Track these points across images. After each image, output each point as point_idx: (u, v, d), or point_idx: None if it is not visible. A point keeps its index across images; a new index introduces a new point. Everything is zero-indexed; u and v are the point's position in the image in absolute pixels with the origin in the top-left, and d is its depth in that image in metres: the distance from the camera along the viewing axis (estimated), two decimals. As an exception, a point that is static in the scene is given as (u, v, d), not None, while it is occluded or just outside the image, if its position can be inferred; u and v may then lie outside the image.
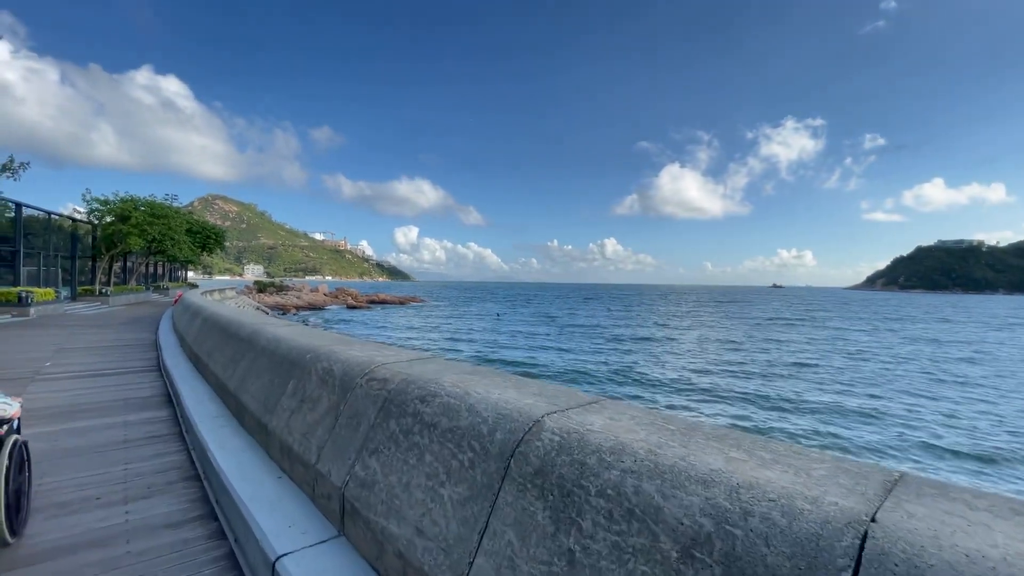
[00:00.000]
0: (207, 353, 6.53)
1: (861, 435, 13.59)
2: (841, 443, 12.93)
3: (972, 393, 19.54)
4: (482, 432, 1.97)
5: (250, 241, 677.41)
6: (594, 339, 35.43)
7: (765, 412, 15.88)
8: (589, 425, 1.77)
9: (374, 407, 2.69)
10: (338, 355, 3.50)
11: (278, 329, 5.25)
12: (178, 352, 8.66)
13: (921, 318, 70.72)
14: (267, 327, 5.41)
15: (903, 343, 36.94)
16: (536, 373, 21.81)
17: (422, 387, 2.51)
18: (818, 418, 15.25)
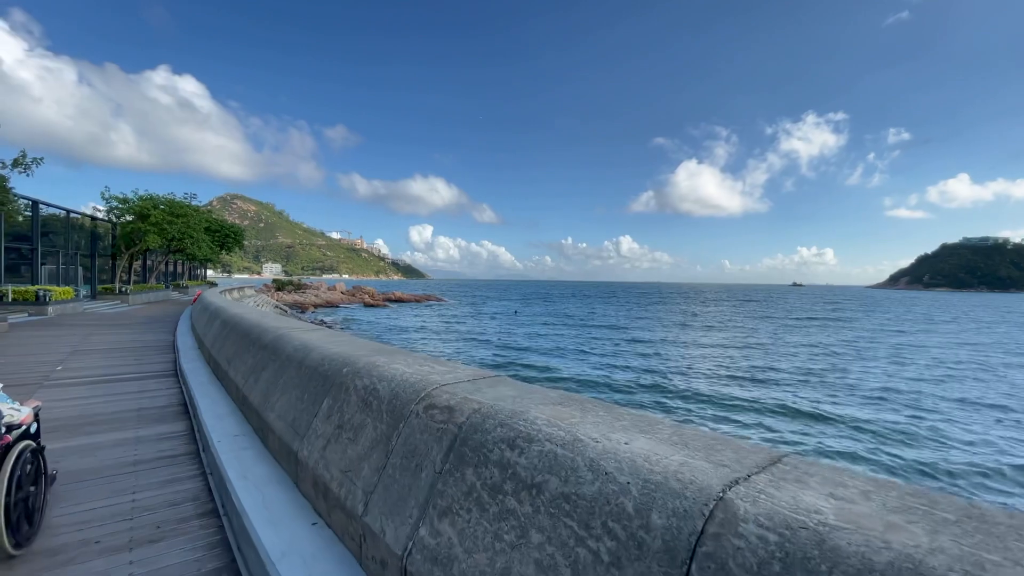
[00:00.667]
0: (226, 359, 6.01)
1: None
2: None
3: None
4: (625, 509, 1.34)
5: (268, 240, 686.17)
6: (621, 343, 33.88)
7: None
8: (809, 508, 1.13)
9: (439, 446, 2.08)
10: (381, 370, 2.91)
11: (305, 335, 4.69)
12: (196, 356, 8.20)
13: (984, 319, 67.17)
14: (293, 332, 4.86)
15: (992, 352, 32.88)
16: (566, 381, 21.06)
17: (506, 423, 1.89)
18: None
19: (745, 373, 23.01)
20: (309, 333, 4.83)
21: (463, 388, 2.43)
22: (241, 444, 3.91)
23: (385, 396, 2.62)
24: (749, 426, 14.47)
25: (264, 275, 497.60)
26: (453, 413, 2.15)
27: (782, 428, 14.08)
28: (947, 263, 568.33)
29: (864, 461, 11.68)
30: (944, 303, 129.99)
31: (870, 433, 13.54)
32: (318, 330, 5.15)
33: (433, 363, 3.11)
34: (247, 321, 6.35)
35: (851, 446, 12.50)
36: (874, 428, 13.95)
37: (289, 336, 4.62)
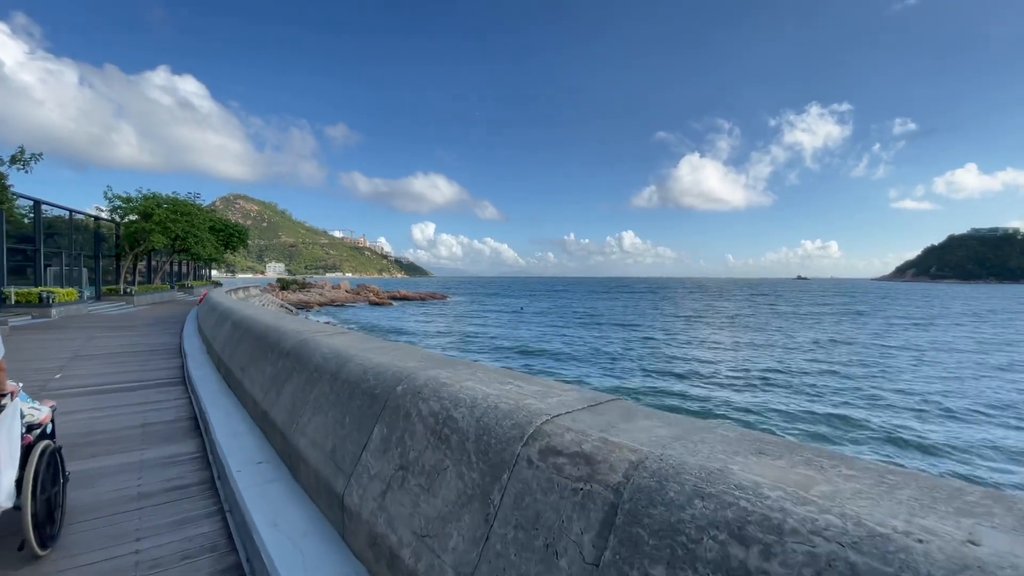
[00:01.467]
0: (239, 367, 5.35)
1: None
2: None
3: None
4: None
5: (271, 239, 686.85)
6: (654, 343, 30.74)
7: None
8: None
9: (583, 518, 1.40)
10: (451, 389, 2.24)
11: (333, 339, 4.02)
12: (205, 361, 7.55)
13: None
14: (318, 337, 4.19)
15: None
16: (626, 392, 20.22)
17: (709, 493, 1.21)
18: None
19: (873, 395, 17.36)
20: (337, 338, 4.16)
21: (586, 421, 1.75)
22: (265, 474, 3.24)
23: (469, 429, 1.94)
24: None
25: (268, 274, 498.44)
26: (596, 466, 1.47)
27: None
28: (955, 254, 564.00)
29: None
30: (967, 295, 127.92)
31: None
32: (346, 334, 4.48)
33: (518, 379, 2.43)
34: (261, 323, 5.69)
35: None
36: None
37: (315, 342, 3.96)
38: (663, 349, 27.60)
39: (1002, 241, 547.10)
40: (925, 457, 11.46)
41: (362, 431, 2.56)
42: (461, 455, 1.90)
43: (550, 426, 1.73)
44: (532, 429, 1.74)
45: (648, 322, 44.54)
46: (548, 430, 1.71)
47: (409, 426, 2.26)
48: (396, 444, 2.27)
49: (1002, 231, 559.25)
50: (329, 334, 4.39)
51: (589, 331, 35.55)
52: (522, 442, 1.72)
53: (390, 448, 2.29)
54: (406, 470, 2.12)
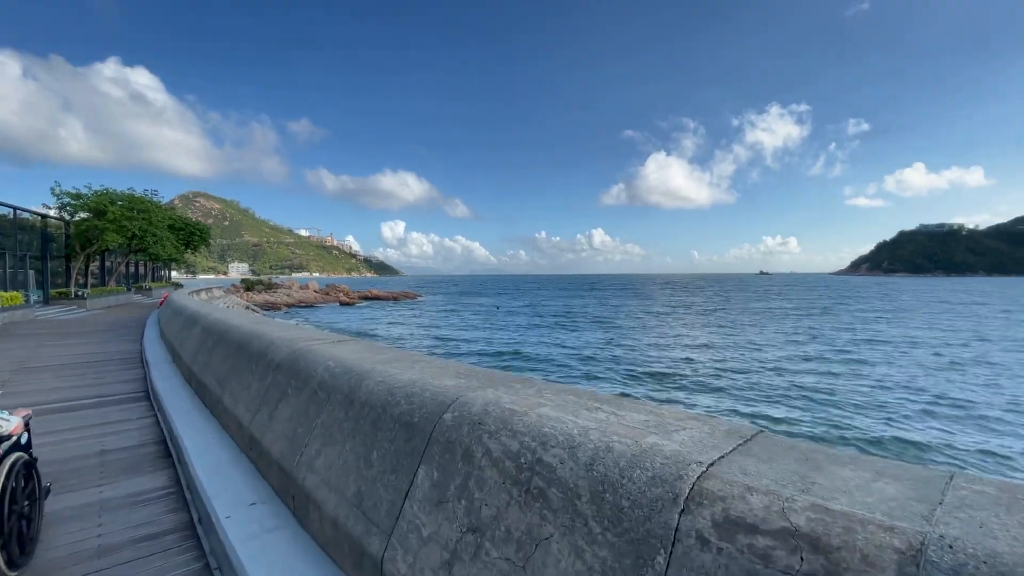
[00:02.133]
0: (216, 380, 4.65)
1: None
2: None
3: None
4: None
5: (234, 239, 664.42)
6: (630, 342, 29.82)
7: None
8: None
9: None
10: (522, 417, 1.72)
11: (337, 349, 3.41)
12: (172, 372, 6.73)
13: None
14: (316, 345, 3.57)
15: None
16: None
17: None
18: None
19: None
20: (341, 347, 3.55)
21: (760, 471, 1.25)
22: (262, 520, 2.62)
23: (576, 481, 1.41)
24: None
25: (231, 275, 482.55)
26: (834, 555, 0.97)
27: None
28: (905, 249, 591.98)
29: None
30: (918, 289, 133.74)
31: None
32: (349, 342, 3.86)
33: (605, 403, 1.90)
34: (239, 329, 4.99)
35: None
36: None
37: (314, 352, 3.34)
38: (666, 352, 25.76)
39: (948, 236, 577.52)
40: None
41: (400, 473, 1.99)
42: (572, 520, 1.37)
43: (713, 482, 1.22)
44: (688, 486, 1.23)
45: (632, 322, 44.45)
46: (713, 489, 1.20)
47: (473, 470, 1.71)
48: (457, 495, 1.71)
49: (948, 227, 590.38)
50: (329, 342, 3.77)
51: (568, 332, 34.87)
52: (677, 507, 1.21)
53: (448, 500, 1.73)
54: (479, 534, 1.58)
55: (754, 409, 14.49)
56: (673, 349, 26.24)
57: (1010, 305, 62.58)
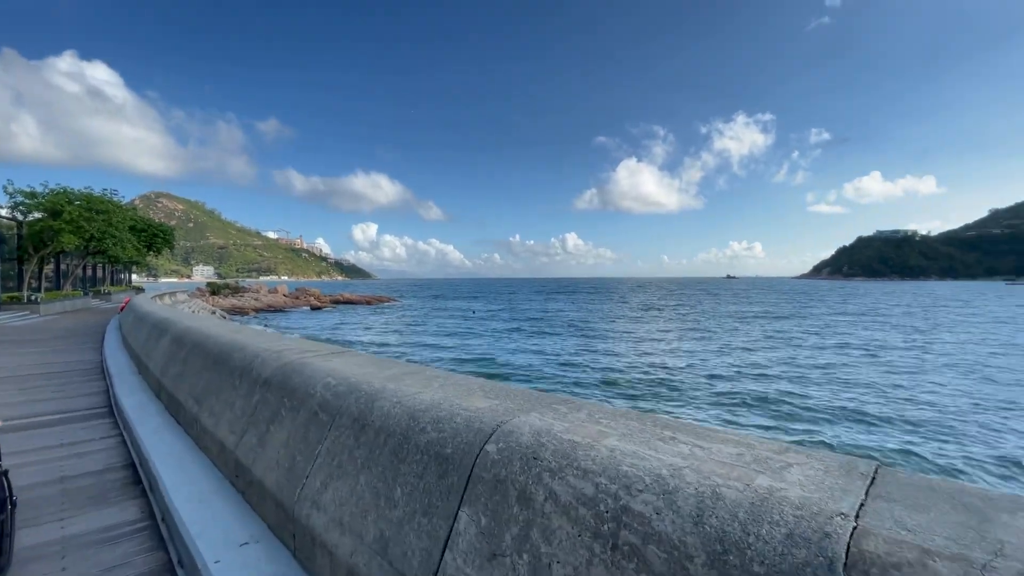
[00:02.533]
0: (193, 397, 4.22)
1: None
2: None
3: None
4: None
5: (198, 241, 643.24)
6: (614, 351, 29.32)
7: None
8: None
9: None
10: (588, 450, 1.48)
11: (334, 362, 3.07)
12: (138, 385, 6.20)
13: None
14: (310, 358, 3.23)
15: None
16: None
17: None
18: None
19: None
20: (339, 359, 3.21)
21: (930, 533, 1.01)
22: (259, 565, 2.27)
23: (684, 539, 1.16)
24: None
25: (195, 278, 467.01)
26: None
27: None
28: (863, 254, 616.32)
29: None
30: (881, 292, 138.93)
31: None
32: (347, 354, 3.52)
33: (680, 431, 1.64)
34: (217, 339, 4.58)
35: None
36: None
37: (309, 367, 3.01)
38: (659, 359, 24.79)
39: (903, 242, 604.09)
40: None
41: (434, 515, 1.70)
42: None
43: (873, 542, 0.98)
44: (842, 548, 0.99)
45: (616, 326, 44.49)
46: (878, 552, 0.96)
47: (536, 517, 1.43)
48: (517, 548, 1.43)
49: (903, 233, 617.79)
50: (323, 354, 3.42)
51: (550, 339, 34.17)
52: (835, 574, 0.96)
53: (505, 554, 1.45)
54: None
55: (797, 425, 13.88)
56: (666, 356, 26.12)
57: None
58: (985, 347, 28.13)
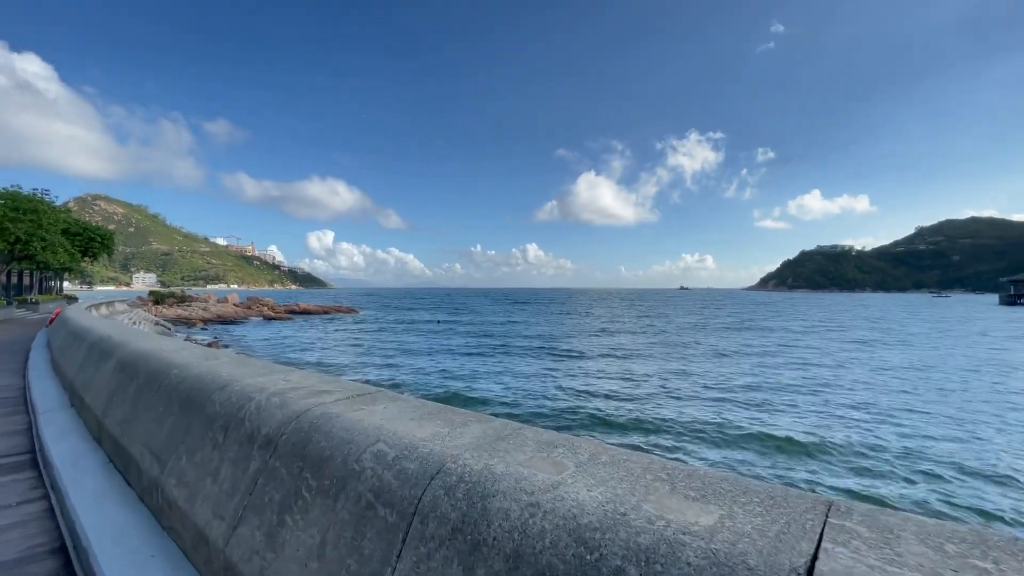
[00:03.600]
0: (153, 452, 3.15)
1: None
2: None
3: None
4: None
5: (140, 247, 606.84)
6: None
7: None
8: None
9: None
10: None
11: (375, 413, 2.15)
12: (71, 424, 4.94)
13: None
14: (329, 405, 2.28)
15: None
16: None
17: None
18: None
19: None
20: (376, 407, 2.28)
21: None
22: None
23: None
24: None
25: (135, 286, 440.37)
26: None
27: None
28: (806, 267, 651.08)
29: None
30: (830, 303, 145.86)
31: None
32: (380, 396, 2.58)
33: (734, 488, 0.87)
34: (185, 369, 3.52)
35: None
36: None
37: (337, 420, 2.09)
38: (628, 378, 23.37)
39: (840, 256, 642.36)
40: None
41: None
42: None
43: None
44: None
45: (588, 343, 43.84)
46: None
47: None
48: None
49: (840, 248, 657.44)
50: (349, 397, 2.48)
51: (523, 359, 30.95)
52: None
53: None
54: None
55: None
56: (634, 377, 25.49)
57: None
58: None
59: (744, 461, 11.84)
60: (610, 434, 14.13)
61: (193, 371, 3.47)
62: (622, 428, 14.64)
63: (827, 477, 10.69)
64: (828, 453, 12.10)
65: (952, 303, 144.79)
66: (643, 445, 12.96)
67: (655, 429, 14.40)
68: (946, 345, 33.76)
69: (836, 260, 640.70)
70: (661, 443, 13.16)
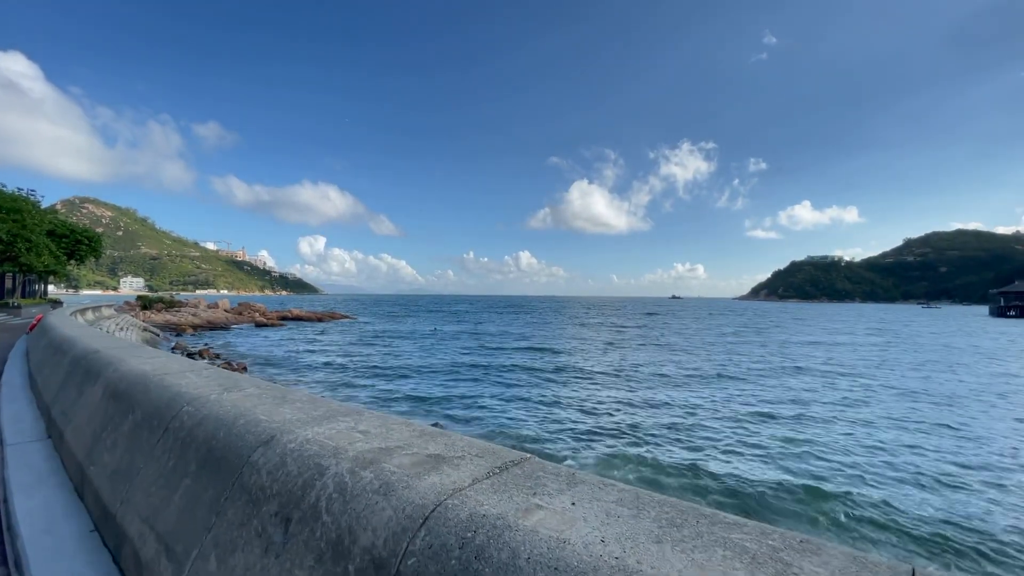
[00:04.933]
0: (160, 534, 2.16)
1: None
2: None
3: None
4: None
5: (128, 250, 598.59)
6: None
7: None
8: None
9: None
10: None
11: (534, 523, 1.19)
12: (45, 463, 3.90)
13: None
14: (442, 482, 1.32)
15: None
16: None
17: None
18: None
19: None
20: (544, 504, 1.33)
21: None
22: None
23: None
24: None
25: (122, 291, 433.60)
26: None
27: None
28: (796, 277, 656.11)
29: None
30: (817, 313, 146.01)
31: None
32: (524, 465, 1.62)
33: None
34: (204, 408, 2.54)
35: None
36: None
37: (505, 543, 1.12)
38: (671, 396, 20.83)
39: (830, 267, 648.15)
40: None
41: None
42: None
43: None
44: None
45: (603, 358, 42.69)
46: None
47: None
48: None
49: (830, 258, 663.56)
50: (485, 469, 1.52)
51: (537, 377, 27.02)
52: None
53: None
54: None
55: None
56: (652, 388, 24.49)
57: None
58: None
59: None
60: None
61: (213, 409, 2.49)
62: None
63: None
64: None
65: (942, 315, 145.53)
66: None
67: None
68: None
69: (826, 270, 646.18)
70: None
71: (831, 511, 9.39)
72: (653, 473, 11.36)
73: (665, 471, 11.41)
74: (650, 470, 11.50)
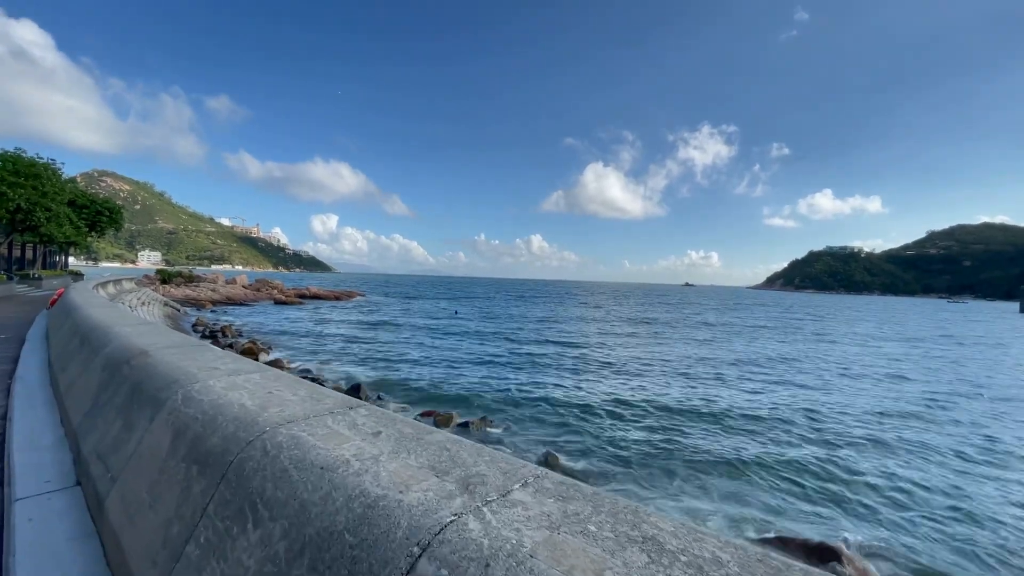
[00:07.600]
0: None
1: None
2: None
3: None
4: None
5: (146, 224, 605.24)
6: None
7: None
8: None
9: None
10: None
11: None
12: (73, 526, 2.49)
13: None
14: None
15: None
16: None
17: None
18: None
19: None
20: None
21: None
22: None
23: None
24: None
25: (140, 264, 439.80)
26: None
27: None
28: (813, 268, 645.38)
29: None
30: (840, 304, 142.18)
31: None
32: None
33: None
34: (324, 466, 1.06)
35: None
36: None
37: None
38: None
39: (849, 258, 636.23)
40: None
41: None
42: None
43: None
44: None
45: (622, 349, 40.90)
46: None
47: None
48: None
49: (849, 249, 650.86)
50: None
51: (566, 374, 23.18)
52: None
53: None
54: None
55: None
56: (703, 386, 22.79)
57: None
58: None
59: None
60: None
61: (374, 492, 1.00)
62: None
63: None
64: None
65: (970, 311, 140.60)
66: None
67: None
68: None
69: (845, 261, 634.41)
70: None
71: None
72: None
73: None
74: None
